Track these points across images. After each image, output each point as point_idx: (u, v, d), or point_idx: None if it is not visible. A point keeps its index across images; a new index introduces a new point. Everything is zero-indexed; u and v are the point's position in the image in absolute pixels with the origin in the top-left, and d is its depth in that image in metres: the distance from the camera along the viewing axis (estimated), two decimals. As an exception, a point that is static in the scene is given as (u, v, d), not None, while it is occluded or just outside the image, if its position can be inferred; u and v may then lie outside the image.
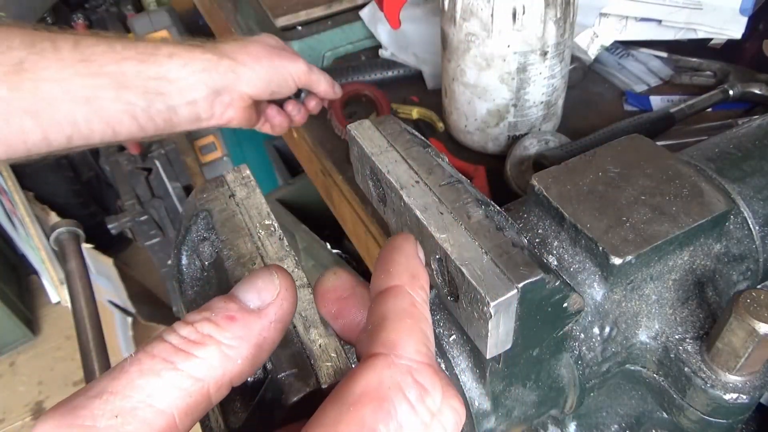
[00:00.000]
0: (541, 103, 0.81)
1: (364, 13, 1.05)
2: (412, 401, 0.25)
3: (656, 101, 0.94)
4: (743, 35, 0.91)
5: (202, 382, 0.25)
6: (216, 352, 0.25)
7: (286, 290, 0.29)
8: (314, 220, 1.53)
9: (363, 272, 1.41)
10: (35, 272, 2.38)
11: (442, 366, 0.40)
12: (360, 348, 0.28)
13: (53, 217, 2.08)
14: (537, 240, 0.42)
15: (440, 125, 0.93)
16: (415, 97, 1.00)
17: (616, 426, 0.48)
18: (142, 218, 1.92)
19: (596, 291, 0.40)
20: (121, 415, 0.23)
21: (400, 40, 1.02)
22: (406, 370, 0.25)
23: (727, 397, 0.38)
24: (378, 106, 0.96)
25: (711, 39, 0.96)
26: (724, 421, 0.40)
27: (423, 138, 0.38)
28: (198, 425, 0.52)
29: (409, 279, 0.29)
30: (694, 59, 0.97)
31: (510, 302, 0.30)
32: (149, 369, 0.24)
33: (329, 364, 0.32)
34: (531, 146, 0.80)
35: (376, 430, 0.24)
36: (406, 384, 0.25)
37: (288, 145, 1.14)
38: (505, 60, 0.76)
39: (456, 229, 0.32)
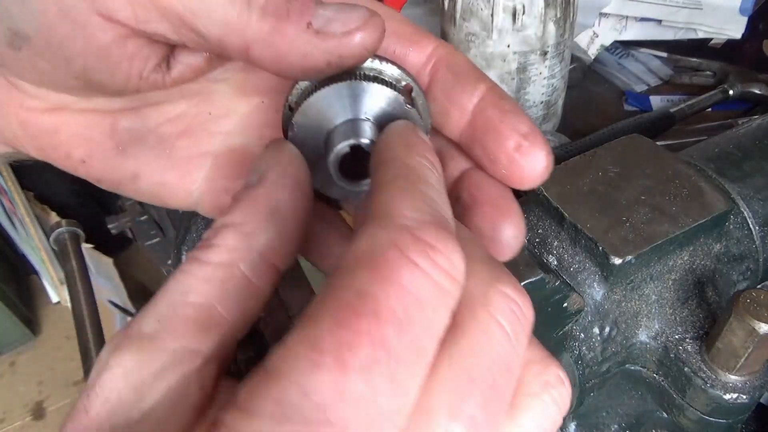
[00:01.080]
0: (541, 103, 0.81)
1: (364, 13, 1.05)
2: (416, 260, 0.19)
3: (656, 101, 0.94)
4: (743, 35, 0.91)
5: (230, 266, 0.25)
6: (230, 233, 0.25)
7: (280, 152, 0.27)
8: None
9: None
10: (35, 272, 2.38)
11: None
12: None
13: (53, 217, 2.08)
14: (537, 240, 0.42)
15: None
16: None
17: (616, 426, 0.48)
18: (142, 218, 1.91)
19: (596, 291, 0.40)
20: (162, 318, 0.23)
21: (400, 40, 1.02)
22: (401, 229, 0.20)
23: (727, 397, 0.38)
24: None
25: (711, 39, 0.96)
26: (724, 421, 0.40)
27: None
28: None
29: (405, 151, 0.26)
30: (694, 59, 0.97)
31: (510, 302, 0.30)
32: (180, 272, 0.25)
33: None
34: (531, 146, 0.80)
35: (376, 297, 0.19)
36: (404, 243, 0.20)
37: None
38: (505, 60, 0.76)
39: (456, 229, 0.32)
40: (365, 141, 0.27)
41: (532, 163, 0.28)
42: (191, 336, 0.24)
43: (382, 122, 0.28)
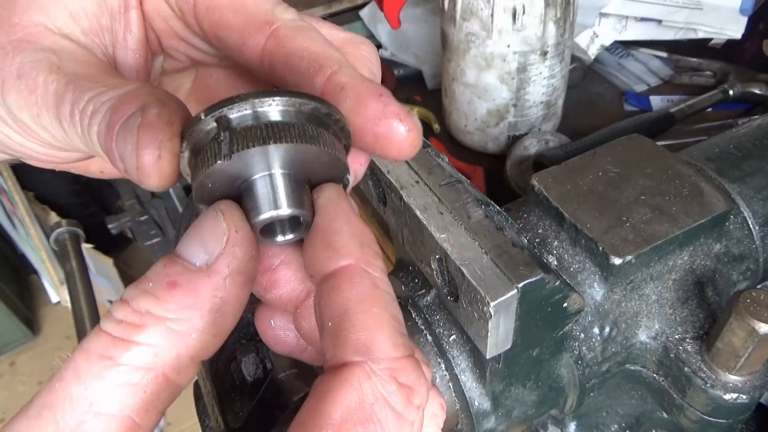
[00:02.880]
0: (541, 103, 0.81)
1: (364, 13, 1.05)
2: (399, 410, 0.22)
3: (656, 101, 0.94)
4: (743, 35, 0.91)
5: (153, 371, 0.21)
6: (160, 331, 0.21)
7: (237, 232, 0.23)
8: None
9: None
10: (35, 272, 2.38)
11: (442, 366, 0.40)
12: (324, 349, 0.23)
13: (53, 217, 2.08)
14: (537, 240, 0.42)
15: (436, 126, 0.93)
16: (419, 96, 1.00)
17: (616, 426, 0.48)
18: (142, 218, 1.91)
19: (596, 291, 0.40)
20: None
21: (400, 40, 1.02)
22: (388, 376, 0.22)
23: (727, 397, 0.38)
24: (384, 80, 0.97)
25: (711, 39, 0.96)
26: (724, 420, 0.40)
27: (423, 138, 0.38)
28: (198, 424, 0.52)
29: (359, 250, 0.24)
30: (694, 59, 0.97)
31: (510, 302, 0.30)
32: (87, 372, 0.21)
33: None
34: (531, 146, 0.80)
35: None
36: (390, 392, 0.22)
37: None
38: (505, 60, 0.76)
39: (456, 229, 0.32)
40: (285, 213, 0.25)
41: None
42: None
43: (306, 169, 0.26)
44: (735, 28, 0.91)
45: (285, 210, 0.25)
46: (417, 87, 1.01)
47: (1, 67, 0.28)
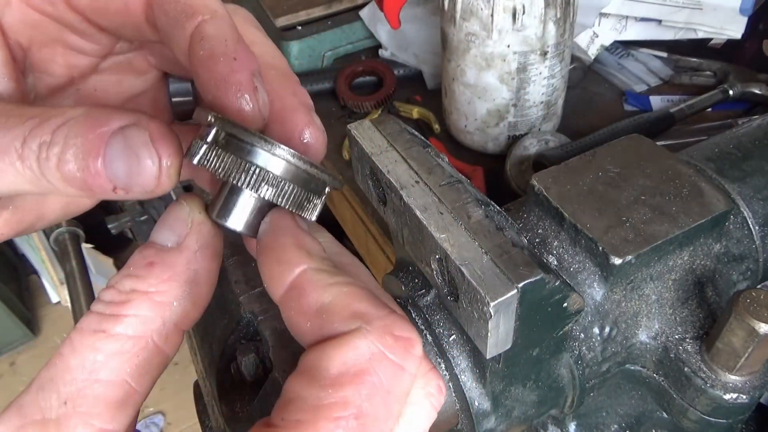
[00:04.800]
0: (541, 103, 0.81)
1: (364, 13, 1.05)
2: (398, 360, 0.23)
3: (656, 101, 0.94)
4: (743, 35, 0.91)
5: (143, 338, 0.23)
6: (145, 303, 0.24)
7: (200, 213, 0.27)
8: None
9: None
10: (35, 272, 2.38)
11: (442, 366, 0.40)
12: (311, 343, 0.24)
13: (53, 217, 2.08)
14: (537, 240, 0.42)
15: (436, 127, 0.93)
16: (419, 96, 1.00)
17: (616, 426, 0.48)
18: (142, 218, 1.91)
19: (596, 291, 0.40)
20: (69, 399, 0.22)
21: (400, 40, 1.02)
22: (382, 331, 0.23)
23: (727, 397, 0.38)
24: (384, 78, 0.97)
25: (711, 39, 0.96)
26: (724, 421, 0.40)
27: (423, 138, 0.38)
28: (198, 425, 0.52)
29: (308, 257, 0.26)
30: (694, 59, 0.97)
31: (510, 302, 0.30)
32: (82, 345, 0.23)
33: None
34: (531, 146, 0.80)
35: (361, 408, 0.22)
36: (387, 345, 0.23)
37: (288, 145, 1.14)
38: (505, 60, 0.76)
39: (456, 229, 0.32)
40: (241, 232, 0.29)
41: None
42: (104, 417, 0.22)
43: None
44: (735, 28, 0.91)
45: (240, 228, 0.29)
46: (417, 87, 1.01)
47: None
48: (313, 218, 0.30)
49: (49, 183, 0.24)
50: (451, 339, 0.39)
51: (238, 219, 0.29)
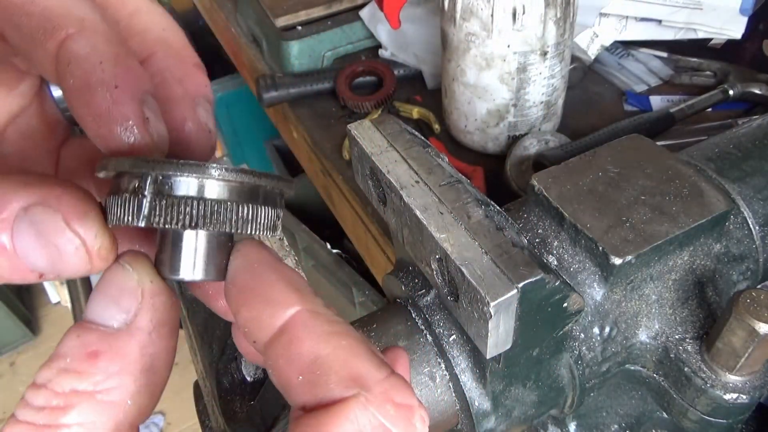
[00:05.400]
0: (541, 103, 0.81)
1: (364, 13, 1.05)
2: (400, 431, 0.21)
3: (656, 101, 0.94)
4: (743, 35, 0.91)
5: None
6: (91, 407, 0.19)
7: (152, 282, 0.22)
8: (314, 220, 1.53)
9: (363, 272, 1.40)
10: (35, 272, 2.38)
11: (442, 366, 0.40)
12: (302, 400, 0.21)
13: (53, 217, 2.08)
14: (537, 240, 0.42)
15: (437, 127, 0.93)
16: (419, 96, 1.00)
17: (616, 426, 0.48)
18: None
19: (596, 291, 0.40)
20: None
21: (400, 40, 1.02)
22: (383, 398, 0.20)
23: (727, 397, 0.38)
24: (384, 78, 0.97)
25: (711, 39, 0.96)
26: (724, 421, 0.40)
27: (423, 138, 0.38)
28: (198, 424, 0.52)
29: (299, 296, 0.22)
30: (694, 59, 0.97)
31: (510, 302, 0.30)
32: None
33: None
34: (531, 146, 0.80)
35: None
36: (389, 416, 0.20)
37: (288, 145, 1.14)
38: (505, 60, 0.76)
39: (456, 229, 0.32)
40: (199, 279, 0.24)
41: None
42: None
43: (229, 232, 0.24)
44: (735, 28, 0.91)
45: (200, 276, 0.24)
46: (417, 87, 1.01)
47: None
48: (278, 234, 0.26)
49: None
50: (451, 339, 0.39)
51: (198, 267, 0.23)
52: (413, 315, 0.41)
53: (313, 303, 0.22)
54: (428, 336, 0.40)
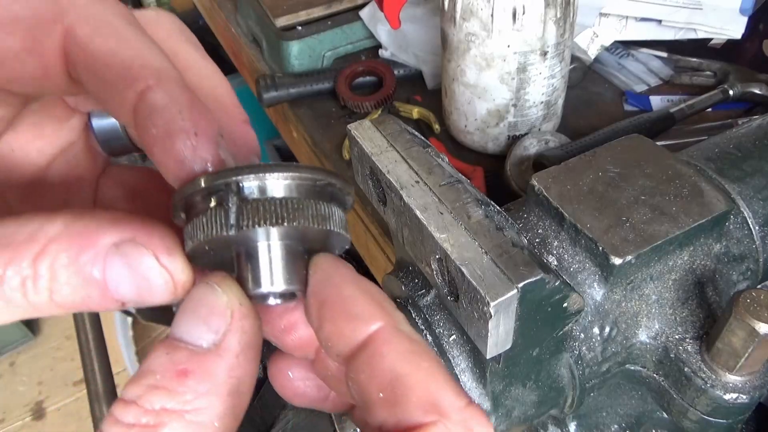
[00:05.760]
0: (541, 103, 0.81)
1: (364, 13, 1.05)
2: None
3: (656, 101, 0.94)
4: (743, 35, 0.91)
5: None
6: (181, 427, 0.19)
7: (241, 305, 0.22)
8: (314, 220, 1.52)
9: (363, 272, 1.40)
10: (35, 272, 2.38)
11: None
12: (378, 419, 0.22)
13: (53, 217, 2.08)
14: (537, 240, 0.42)
15: (437, 127, 0.93)
16: (419, 96, 1.00)
17: (616, 426, 0.48)
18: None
19: (596, 291, 0.40)
20: None
21: (400, 40, 1.02)
22: (463, 428, 0.21)
23: (727, 397, 0.38)
24: (384, 78, 0.97)
25: (711, 39, 0.96)
26: (724, 421, 0.40)
27: (423, 138, 0.38)
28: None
29: (381, 311, 0.23)
30: (694, 59, 0.97)
31: (510, 302, 0.30)
32: None
33: None
34: (531, 146, 0.80)
35: None
36: None
37: (288, 145, 1.14)
38: (505, 60, 0.76)
39: (456, 229, 0.32)
40: (282, 290, 0.24)
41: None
42: None
43: (306, 242, 0.25)
44: (735, 28, 0.91)
45: (282, 286, 0.24)
46: (417, 87, 1.01)
47: None
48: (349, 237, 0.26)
49: (43, 312, 0.21)
50: (451, 339, 0.39)
51: (282, 277, 0.24)
52: (413, 315, 0.41)
53: (395, 319, 0.23)
54: (428, 336, 0.40)
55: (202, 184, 0.23)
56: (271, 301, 0.25)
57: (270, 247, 0.24)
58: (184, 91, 0.24)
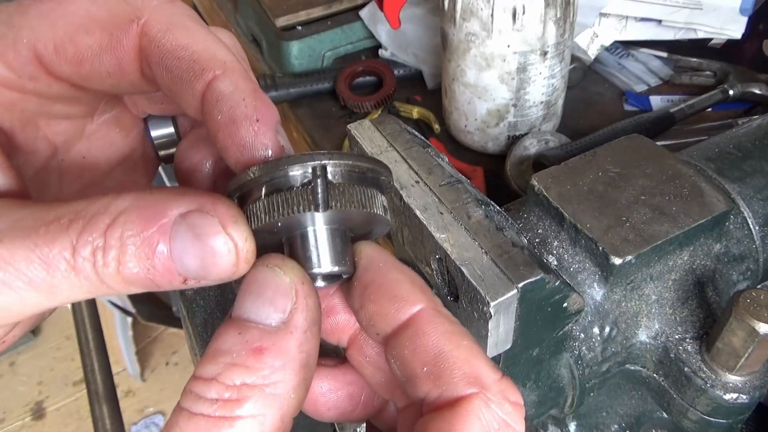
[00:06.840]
0: (541, 103, 0.81)
1: (364, 13, 1.05)
2: (518, 428, 0.23)
3: (656, 101, 0.94)
4: (743, 35, 0.91)
5: None
6: (262, 400, 0.21)
7: (303, 284, 0.23)
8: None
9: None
10: (35, 272, 2.38)
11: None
12: (422, 391, 0.23)
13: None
14: (537, 240, 0.42)
15: (437, 127, 0.93)
16: (419, 96, 1.00)
17: (616, 426, 0.48)
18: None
19: (596, 291, 0.40)
20: None
21: (400, 40, 1.02)
22: (501, 398, 0.23)
23: (727, 397, 0.38)
24: (384, 78, 0.97)
25: (711, 39, 0.96)
26: (724, 421, 0.40)
27: (423, 138, 0.38)
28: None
29: (423, 294, 0.24)
30: (694, 59, 0.97)
31: (510, 302, 0.30)
32: None
33: None
34: (531, 146, 0.80)
35: None
36: (508, 413, 0.23)
37: (288, 145, 1.14)
38: (505, 60, 0.76)
39: (456, 229, 0.32)
40: (335, 270, 0.25)
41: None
42: None
43: (354, 226, 0.26)
44: (735, 28, 0.91)
45: (335, 267, 0.25)
46: (417, 87, 1.01)
47: None
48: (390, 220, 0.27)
49: (109, 288, 0.22)
50: (451, 339, 0.39)
51: (333, 259, 0.25)
52: (413, 315, 0.41)
53: (436, 302, 0.25)
54: (428, 336, 0.40)
55: (284, 165, 0.24)
56: (319, 282, 0.26)
57: (320, 230, 0.25)
58: (248, 82, 0.26)
